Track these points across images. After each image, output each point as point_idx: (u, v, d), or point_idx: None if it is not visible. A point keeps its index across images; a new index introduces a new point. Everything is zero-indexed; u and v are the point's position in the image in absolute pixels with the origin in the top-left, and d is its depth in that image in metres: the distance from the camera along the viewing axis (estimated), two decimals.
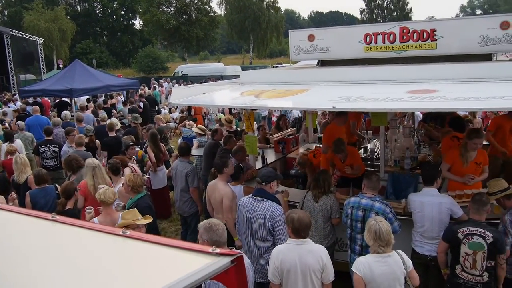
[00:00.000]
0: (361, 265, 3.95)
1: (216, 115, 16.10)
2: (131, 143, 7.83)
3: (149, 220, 4.69)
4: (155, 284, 1.43)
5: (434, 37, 6.17)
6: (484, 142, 8.28)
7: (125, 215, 4.71)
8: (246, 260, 3.89)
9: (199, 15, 53.78)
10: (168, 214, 9.11)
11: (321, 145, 8.67)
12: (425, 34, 6.21)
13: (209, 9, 55.81)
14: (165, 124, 12.16)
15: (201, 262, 1.52)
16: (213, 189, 5.89)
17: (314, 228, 5.52)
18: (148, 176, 8.46)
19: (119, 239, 1.79)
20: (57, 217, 2.06)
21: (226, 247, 3.74)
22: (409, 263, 4.01)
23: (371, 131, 9.35)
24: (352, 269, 4.04)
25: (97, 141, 9.67)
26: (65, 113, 12.86)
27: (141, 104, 16.84)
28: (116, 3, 62.39)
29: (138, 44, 61.50)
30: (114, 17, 63.20)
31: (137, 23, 64.17)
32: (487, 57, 6.03)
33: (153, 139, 8.74)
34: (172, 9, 54.49)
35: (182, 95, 6.64)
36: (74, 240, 1.91)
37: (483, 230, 4.38)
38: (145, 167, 8.40)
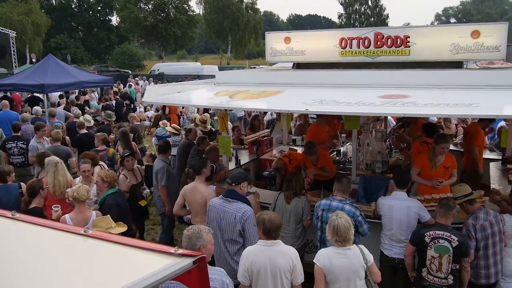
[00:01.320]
0: (321, 257, 4.06)
1: (192, 114, 16.04)
2: (128, 153, 7.21)
3: (123, 228, 4.60)
4: (114, 284, 1.41)
5: (408, 43, 6.27)
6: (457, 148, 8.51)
7: (98, 222, 4.60)
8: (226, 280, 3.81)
9: (177, 13, 53.45)
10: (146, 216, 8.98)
11: (295, 147, 8.74)
12: (398, 40, 6.31)
13: (187, 8, 55.57)
14: (139, 123, 11.99)
15: (163, 262, 1.50)
16: (193, 192, 5.73)
17: (285, 230, 5.54)
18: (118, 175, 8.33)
19: (80, 238, 1.75)
20: (18, 215, 2.00)
21: (203, 253, 3.68)
22: (370, 257, 4.10)
23: (345, 135, 9.46)
24: (314, 260, 4.12)
25: (67, 137, 9.48)
26: (36, 108, 12.57)
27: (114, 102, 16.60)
28: None
29: (115, 41, 60.64)
30: (91, 12, 62.11)
31: (114, 19, 63.39)
32: (458, 64, 6.17)
33: (124, 138, 8.62)
34: (150, 6, 54.00)
35: (156, 94, 6.57)
36: (32, 239, 1.86)
37: (449, 234, 4.47)
38: (116, 165, 8.27)
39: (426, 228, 4.67)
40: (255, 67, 25.38)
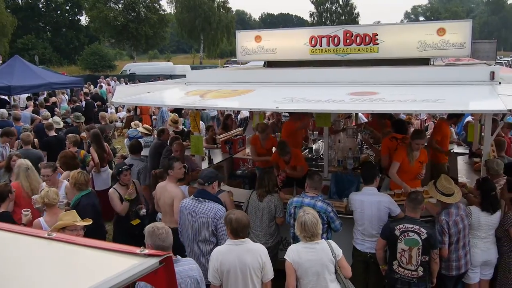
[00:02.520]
0: (291, 252, 4.15)
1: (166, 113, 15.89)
2: (126, 166, 6.28)
3: (88, 222, 4.53)
4: (79, 286, 1.39)
5: (376, 41, 6.38)
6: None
7: (63, 216, 4.54)
8: (195, 272, 3.82)
9: (148, 13, 52.73)
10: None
11: None
12: (367, 38, 6.40)
13: (158, 7, 54.85)
14: (107, 124, 11.79)
15: (128, 263, 1.49)
16: (162, 191, 5.74)
17: (259, 228, 5.57)
18: (91, 177, 8.21)
19: (43, 241, 1.72)
20: None
21: (170, 252, 3.68)
22: (338, 251, 4.17)
23: (317, 132, 9.53)
24: (285, 256, 4.19)
25: (35, 139, 9.27)
26: (2, 111, 12.23)
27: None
28: None
29: (84, 41, 59.40)
30: (59, 12, 60.62)
31: (83, 19, 61.94)
32: (425, 61, 6.31)
33: (96, 139, 8.49)
34: (120, 6, 53.10)
35: (125, 94, 6.51)
36: None
37: (417, 227, 4.56)
38: (87, 167, 8.14)
39: (396, 222, 4.76)
40: (227, 66, 25.34)
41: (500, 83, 5.23)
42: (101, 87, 24.65)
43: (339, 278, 4.14)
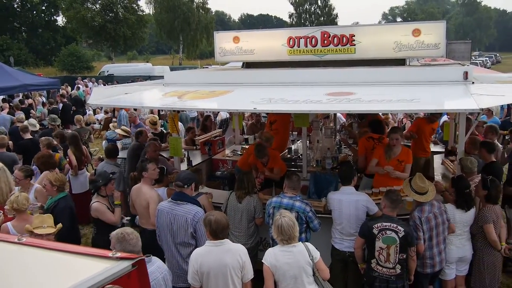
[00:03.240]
0: (268, 256, 4.15)
1: (144, 115, 15.74)
2: (112, 175, 5.95)
3: (51, 230, 4.48)
4: None
5: (353, 42, 6.43)
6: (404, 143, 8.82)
7: (34, 219, 4.50)
8: (165, 266, 3.83)
9: (126, 13, 52.21)
10: (89, 220, 8.74)
11: (247, 147, 8.75)
12: (344, 38, 6.45)
13: (136, 7, 54.36)
14: (83, 127, 11.59)
15: (100, 266, 1.47)
16: (137, 194, 5.68)
17: (238, 229, 5.56)
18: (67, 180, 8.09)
19: (13, 247, 1.69)
20: None
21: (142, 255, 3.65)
22: (316, 254, 4.18)
23: (296, 132, 9.57)
24: (262, 260, 4.19)
25: (10, 142, 9.08)
26: None
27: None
28: None
29: (61, 42, 58.44)
30: (34, 12, 59.53)
31: (60, 20, 60.98)
32: (401, 62, 6.39)
33: (74, 141, 8.37)
34: (98, 6, 52.45)
35: (102, 96, 6.43)
36: None
37: (395, 225, 4.62)
38: (63, 170, 8.01)
39: (374, 220, 4.81)
40: (207, 67, 25.27)
41: (473, 82, 5.33)
42: (78, 88, 24.32)
43: (317, 281, 4.15)
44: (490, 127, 7.80)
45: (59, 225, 4.57)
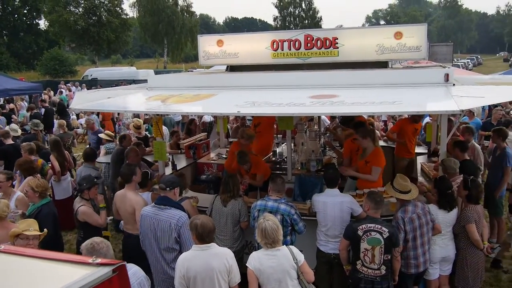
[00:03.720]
0: (252, 259, 4.14)
1: (128, 119, 15.64)
2: (96, 180, 6.00)
3: (39, 232, 4.44)
4: None
5: (336, 45, 6.49)
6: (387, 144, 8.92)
7: (20, 223, 4.45)
8: (141, 272, 3.80)
9: (110, 17, 51.85)
10: (74, 226, 8.64)
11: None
12: (327, 42, 6.51)
13: (120, 11, 54.04)
14: (66, 132, 11.46)
15: (80, 273, 1.46)
16: (122, 200, 5.61)
17: (223, 232, 5.55)
18: (50, 186, 8.00)
19: None
20: None
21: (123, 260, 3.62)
22: (300, 257, 4.17)
23: (281, 135, 9.59)
24: (246, 263, 4.18)
25: None
26: None
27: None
28: (17, 0, 58.05)
29: (44, 46, 57.71)
30: (16, 15, 58.76)
31: (42, 23, 60.27)
32: (383, 64, 6.46)
33: (56, 147, 8.28)
34: (81, 9, 52.00)
35: (85, 100, 6.38)
36: None
37: (379, 226, 4.66)
38: (46, 176, 7.91)
39: (359, 222, 4.84)
40: (192, 71, 25.20)
41: (454, 84, 5.40)
42: (61, 93, 24.05)
43: (302, 284, 4.14)
44: (467, 128, 7.93)
45: (45, 230, 4.52)
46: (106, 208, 5.83)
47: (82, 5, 51.95)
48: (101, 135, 10.27)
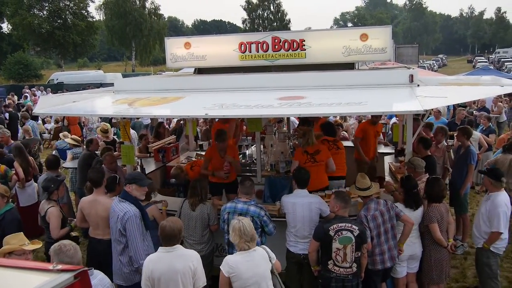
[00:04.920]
0: (228, 263, 4.07)
1: (94, 123, 15.37)
2: (60, 178, 6.09)
3: (38, 245, 4.38)
4: None
5: (303, 47, 6.53)
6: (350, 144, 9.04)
7: (10, 239, 4.29)
8: (107, 279, 3.76)
9: (76, 20, 50.79)
10: (40, 233, 8.42)
11: (203, 153, 8.70)
12: (295, 43, 6.55)
13: (86, 14, 53.01)
14: (31, 137, 11.16)
15: (40, 280, 1.42)
16: (92, 205, 5.48)
17: (193, 236, 5.51)
18: (14, 193, 7.78)
19: None
20: None
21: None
22: (273, 254, 4.19)
23: (250, 137, 9.60)
24: (220, 267, 4.12)
25: None
26: None
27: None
28: None
29: (7, 50, 56.05)
30: None
31: (5, 27, 58.49)
32: (350, 66, 6.54)
33: (19, 152, 8.06)
34: (45, 12, 50.79)
35: (49, 104, 6.22)
36: None
37: (349, 225, 4.72)
38: (10, 182, 7.68)
39: (329, 222, 4.87)
40: (160, 73, 24.97)
41: (418, 85, 5.53)
42: (26, 97, 23.42)
43: (275, 280, 4.18)
44: (440, 128, 8.13)
45: (39, 242, 4.49)
46: (72, 228, 5.86)
47: (47, 8, 50.75)
48: (67, 140, 10.06)
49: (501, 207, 5.38)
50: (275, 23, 68.87)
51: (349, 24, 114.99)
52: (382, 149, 9.39)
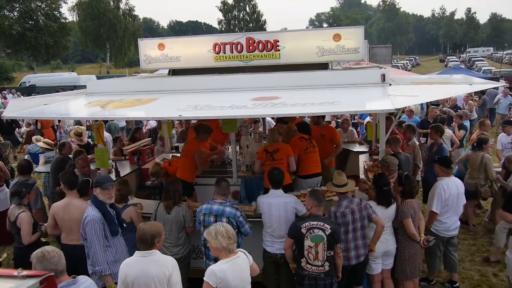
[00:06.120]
0: (216, 274, 3.84)
1: (69, 127, 15.13)
2: (30, 182, 6.01)
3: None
4: None
5: (278, 47, 6.56)
6: None
7: None
8: (94, 286, 3.67)
9: (48, 21, 49.81)
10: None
11: (178, 155, 8.65)
12: (269, 44, 6.58)
13: (59, 15, 52.05)
14: (1, 142, 10.91)
15: (4, 287, 1.39)
16: (65, 209, 5.41)
17: (169, 239, 5.47)
18: None
19: None
20: None
21: (66, 276, 3.48)
22: (250, 257, 4.14)
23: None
24: (205, 278, 3.89)
25: None
26: None
27: None
28: None
29: None
30: None
31: None
32: (324, 66, 6.60)
33: None
34: (16, 13, 49.65)
35: (19, 107, 6.09)
36: None
37: (322, 223, 4.76)
38: None
39: (302, 220, 4.92)
40: (136, 75, 24.71)
41: (390, 84, 5.62)
42: None
43: None
44: (408, 126, 8.27)
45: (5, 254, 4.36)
46: (43, 235, 5.78)
47: (17, 9, 49.61)
48: (39, 144, 9.87)
49: (437, 189, 5.88)
50: (251, 24, 68.99)
51: (325, 25, 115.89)
52: (356, 148, 9.50)
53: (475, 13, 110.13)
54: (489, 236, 7.89)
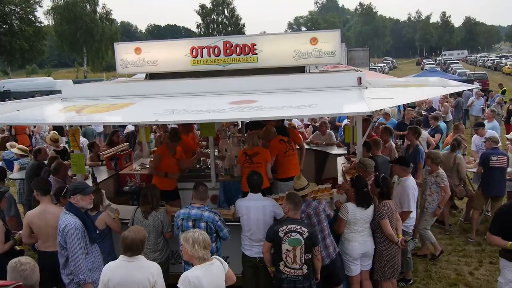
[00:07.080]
0: (190, 280, 3.75)
1: (45, 133, 14.85)
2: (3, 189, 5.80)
3: None
4: None
5: (255, 51, 6.58)
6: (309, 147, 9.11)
7: None
8: None
9: (23, 25, 48.84)
10: None
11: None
12: (246, 48, 6.59)
13: (34, 19, 51.11)
14: None
15: None
16: (41, 216, 5.26)
17: (146, 245, 5.31)
18: None
19: None
20: None
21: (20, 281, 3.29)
22: (225, 265, 4.09)
23: (205, 142, 9.54)
24: (178, 285, 3.80)
25: None
26: None
27: None
28: None
29: None
30: None
31: None
32: (301, 69, 6.65)
33: None
34: None
35: None
36: None
37: (299, 226, 4.76)
38: None
39: (279, 223, 4.91)
40: (113, 79, 24.45)
41: (366, 87, 5.68)
42: None
43: None
44: (385, 129, 8.37)
45: None
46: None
47: None
48: (14, 150, 9.67)
49: (410, 189, 6.04)
50: (229, 28, 68.96)
51: (303, 28, 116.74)
52: (335, 150, 9.55)
53: (449, 16, 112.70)
54: (465, 235, 8.05)
